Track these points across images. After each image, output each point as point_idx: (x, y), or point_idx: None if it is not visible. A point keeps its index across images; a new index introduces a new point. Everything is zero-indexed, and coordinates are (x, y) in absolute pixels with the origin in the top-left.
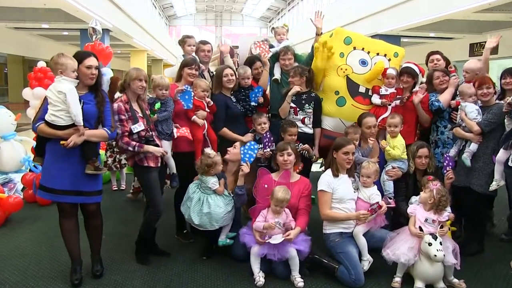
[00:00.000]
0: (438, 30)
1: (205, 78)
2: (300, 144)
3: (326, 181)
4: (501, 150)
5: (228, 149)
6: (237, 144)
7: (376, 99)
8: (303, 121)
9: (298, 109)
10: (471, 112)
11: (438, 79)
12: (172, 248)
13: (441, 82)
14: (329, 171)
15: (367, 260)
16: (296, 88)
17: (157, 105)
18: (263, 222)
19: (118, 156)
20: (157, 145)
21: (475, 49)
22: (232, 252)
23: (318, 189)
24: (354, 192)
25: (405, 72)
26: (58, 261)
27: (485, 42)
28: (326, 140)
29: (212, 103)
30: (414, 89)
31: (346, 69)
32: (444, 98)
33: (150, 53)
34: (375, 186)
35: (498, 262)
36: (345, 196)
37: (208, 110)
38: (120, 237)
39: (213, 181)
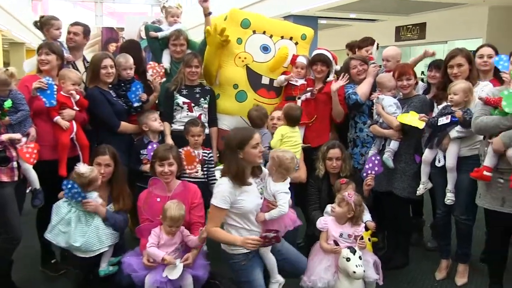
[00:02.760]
0: (359, 10)
1: (76, 69)
2: (210, 153)
3: (224, 195)
4: (427, 150)
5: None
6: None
7: (280, 77)
8: (199, 119)
9: (193, 105)
10: (389, 106)
11: (355, 68)
12: (36, 283)
13: (359, 72)
14: (227, 180)
15: (277, 282)
16: None
17: (7, 104)
18: (158, 249)
19: None
20: (7, 158)
21: (401, 32)
22: (116, 279)
23: (212, 202)
24: (261, 198)
25: (319, 60)
26: None
27: (412, 25)
28: None
29: (78, 97)
30: (328, 79)
31: (245, 58)
32: (362, 90)
33: (6, 34)
34: (287, 180)
35: (424, 273)
36: (251, 210)
37: (78, 109)
38: None
39: (95, 197)
